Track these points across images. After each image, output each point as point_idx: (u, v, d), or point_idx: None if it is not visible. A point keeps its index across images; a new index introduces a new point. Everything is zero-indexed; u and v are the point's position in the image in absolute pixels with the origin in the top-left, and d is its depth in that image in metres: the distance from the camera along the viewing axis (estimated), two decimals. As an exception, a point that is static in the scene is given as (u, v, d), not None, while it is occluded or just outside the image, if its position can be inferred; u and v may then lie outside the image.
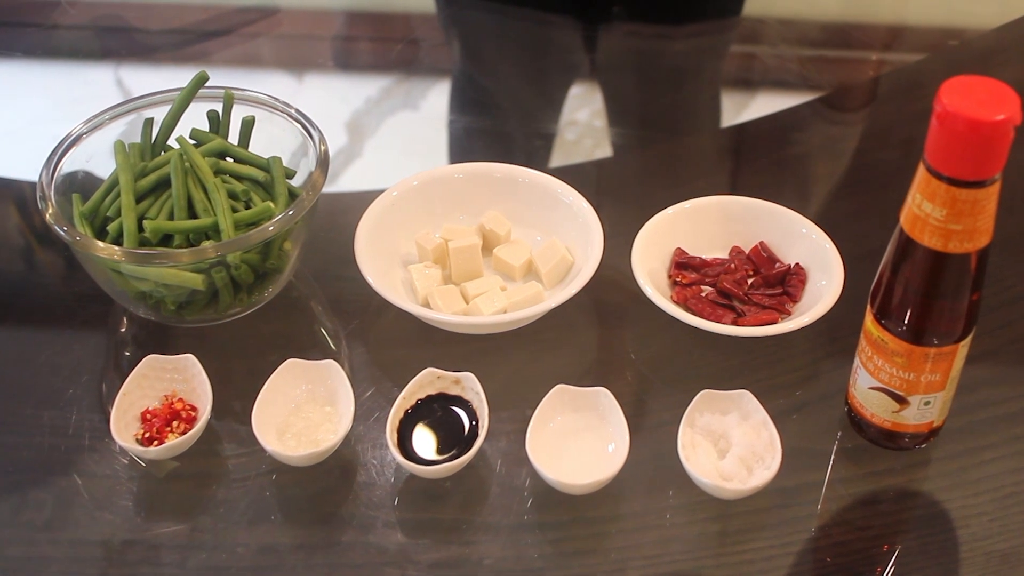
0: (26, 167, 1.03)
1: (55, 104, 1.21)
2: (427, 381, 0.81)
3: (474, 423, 0.79)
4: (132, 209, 0.84)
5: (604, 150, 1.17)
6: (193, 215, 0.85)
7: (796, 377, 0.86)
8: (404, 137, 1.17)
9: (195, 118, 0.92)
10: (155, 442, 0.78)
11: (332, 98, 1.23)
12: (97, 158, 0.91)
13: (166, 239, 0.85)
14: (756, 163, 1.09)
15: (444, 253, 0.92)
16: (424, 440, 0.79)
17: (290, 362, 0.82)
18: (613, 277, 0.90)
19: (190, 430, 0.78)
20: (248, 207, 0.87)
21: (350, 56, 1.35)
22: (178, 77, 0.94)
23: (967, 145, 0.63)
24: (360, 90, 1.24)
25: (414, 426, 0.79)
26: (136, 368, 0.82)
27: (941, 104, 0.63)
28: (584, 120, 1.19)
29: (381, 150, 1.15)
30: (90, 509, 0.77)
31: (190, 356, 0.82)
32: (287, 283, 0.91)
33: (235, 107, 0.93)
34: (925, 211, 0.66)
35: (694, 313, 0.86)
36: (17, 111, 1.21)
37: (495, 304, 0.87)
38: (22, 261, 1.01)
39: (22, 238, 1.03)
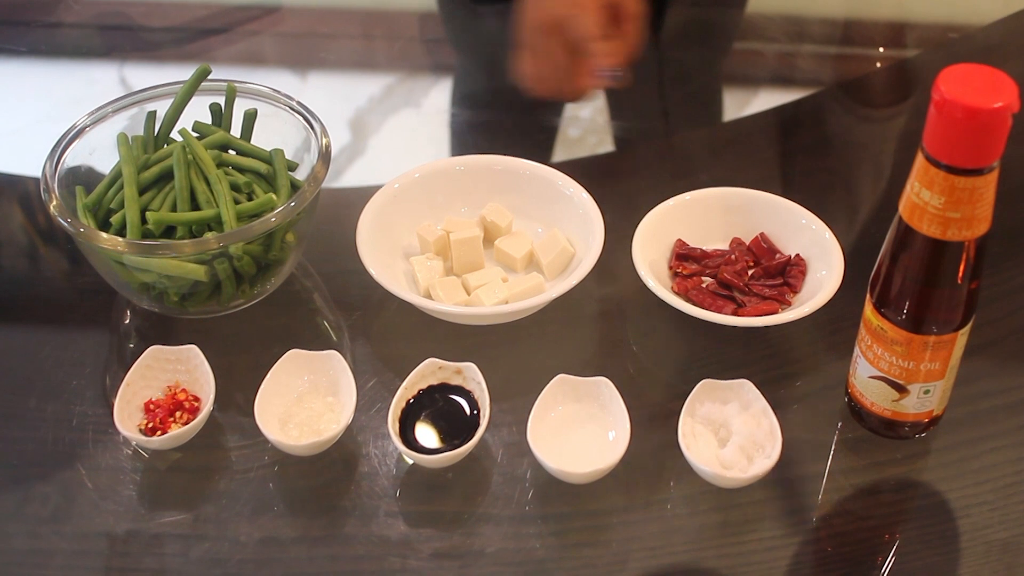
0: (30, 163, 1.03)
1: (59, 101, 1.21)
2: (429, 371, 0.81)
3: (475, 413, 0.80)
4: (135, 201, 0.85)
5: (607, 146, 1.17)
6: (196, 207, 0.86)
7: (796, 367, 0.86)
8: (406, 134, 1.17)
9: (198, 111, 0.93)
10: (158, 432, 0.79)
11: (335, 96, 1.23)
12: (100, 151, 0.91)
13: (169, 231, 0.85)
14: (757, 156, 1.09)
15: (446, 245, 0.92)
16: (426, 430, 0.79)
17: (292, 353, 0.82)
18: (614, 268, 0.90)
19: (193, 420, 0.79)
20: (251, 199, 0.87)
21: (352, 54, 1.35)
22: (181, 74, 0.94)
23: (965, 133, 0.63)
24: (363, 88, 1.24)
25: (416, 416, 0.80)
26: (139, 359, 0.82)
27: (939, 92, 0.63)
28: (587, 116, 1.19)
29: (384, 147, 1.15)
30: (94, 500, 0.78)
31: (193, 347, 0.83)
32: (289, 275, 0.91)
33: (237, 100, 0.94)
34: (923, 199, 0.67)
35: (695, 304, 0.86)
36: (21, 108, 1.21)
37: (496, 295, 0.87)
38: (26, 255, 1.01)
39: (26, 233, 1.03)
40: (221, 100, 0.93)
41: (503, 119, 1.19)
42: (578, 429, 0.79)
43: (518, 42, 1.02)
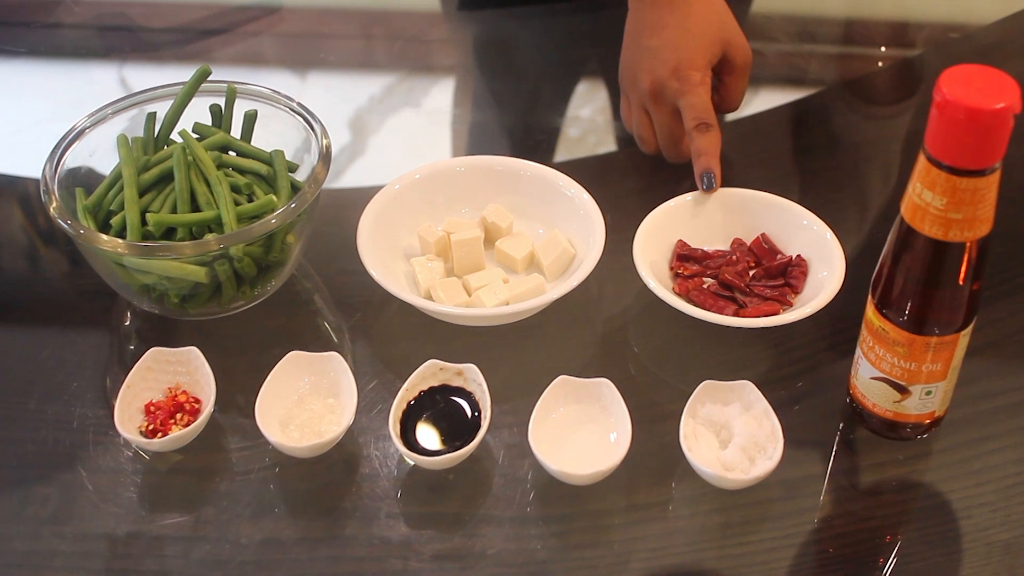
0: (30, 164, 1.03)
1: (59, 102, 1.21)
2: (430, 373, 0.81)
3: (476, 414, 0.79)
4: (135, 203, 0.85)
5: (607, 146, 1.17)
6: (196, 208, 0.85)
7: (798, 368, 0.86)
8: (407, 134, 1.17)
9: (198, 113, 0.93)
10: (159, 434, 0.79)
11: (335, 96, 1.23)
12: (100, 153, 0.91)
13: (169, 232, 0.85)
14: (758, 157, 1.09)
15: (446, 246, 0.92)
16: (427, 431, 0.79)
17: (293, 354, 0.82)
18: (615, 269, 0.90)
19: (194, 422, 0.79)
20: (251, 200, 0.87)
21: (352, 54, 1.35)
22: (181, 75, 0.94)
23: (967, 134, 0.63)
24: (363, 88, 1.24)
25: (417, 418, 0.80)
26: (140, 361, 0.82)
27: (941, 93, 0.63)
28: (587, 116, 1.19)
29: (384, 147, 1.15)
30: (94, 502, 0.78)
31: (193, 349, 0.83)
32: (290, 277, 0.91)
33: (238, 101, 0.94)
34: (925, 200, 0.67)
35: (696, 305, 0.86)
36: (21, 109, 1.21)
37: (497, 296, 0.87)
38: (26, 257, 1.01)
39: (26, 234, 1.03)
40: (221, 101, 0.93)
41: (504, 120, 1.19)
42: (579, 430, 0.79)
43: (622, 90, 1.03)
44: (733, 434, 0.77)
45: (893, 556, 0.74)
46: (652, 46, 0.98)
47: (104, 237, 0.82)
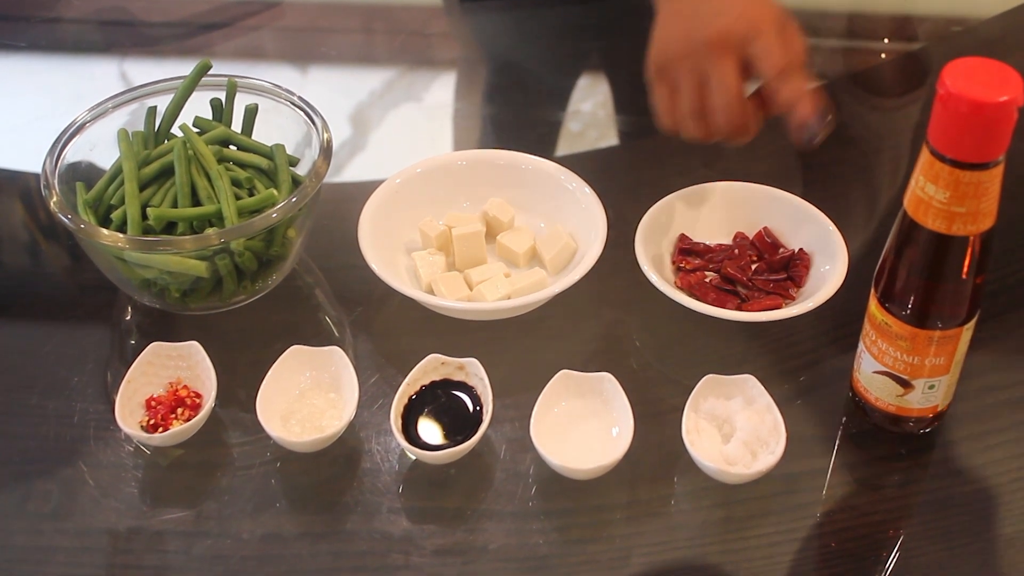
0: (30, 159, 1.03)
1: (59, 97, 1.21)
2: (431, 367, 0.81)
3: (478, 409, 0.79)
4: (136, 197, 0.85)
5: (608, 140, 1.17)
6: (197, 203, 0.85)
7: (800, 362, 0.86)
8: (408, 129, 1.17)
9: (198, 107, 0.92)
10: (160, 429, 0.78)
11: (335, 91, 1.23)
12: (100, 147, 0.91)
13: (170, 227, 0.85)
14: (760, 150, 1.08)
15: (448, 240, 0.92)
16: (428, 426, 0.79)
17: (294, 348, 0.82)
18: (617, 263, 0.90)
19: (195, 417, 0.79)
20: (252, 195, 0.87)
21: (353, 48, 1.35)
22: (182, 69, 0.94)
23: (970, 127, 0.63)
24: (363, 82, 1.24)
25: (418, 412, 0.79)
26: (141, 355, 0.82)
27: (944, 86, 0.63)
28: (588, 111, 1.19)
29: (385, 142, 1.15)
30: (96, 497, 0.77)
31: (194, 343, 0.82)
32: (291, 271, 0.91)
33: (238, 95, 0.93)
34: (928, 193, 0.66)
35: (698, 299, 0.86)
36: (21, 104, 1.21)
37: (499, 290, 0.87)
38: (26, 252, 1.01)
39: (26, 229, 1.03)
40: (222, 95, 0.93)
41: (505, 113, 1.19)
42: (581, 425, 0.79)
43: (657, 69, 0.87)
44: (735, 428, 0.77)
45: (896, 550, 0.74)
46: (707, 8, 0.83)
47: (105, 231, 0.82)
